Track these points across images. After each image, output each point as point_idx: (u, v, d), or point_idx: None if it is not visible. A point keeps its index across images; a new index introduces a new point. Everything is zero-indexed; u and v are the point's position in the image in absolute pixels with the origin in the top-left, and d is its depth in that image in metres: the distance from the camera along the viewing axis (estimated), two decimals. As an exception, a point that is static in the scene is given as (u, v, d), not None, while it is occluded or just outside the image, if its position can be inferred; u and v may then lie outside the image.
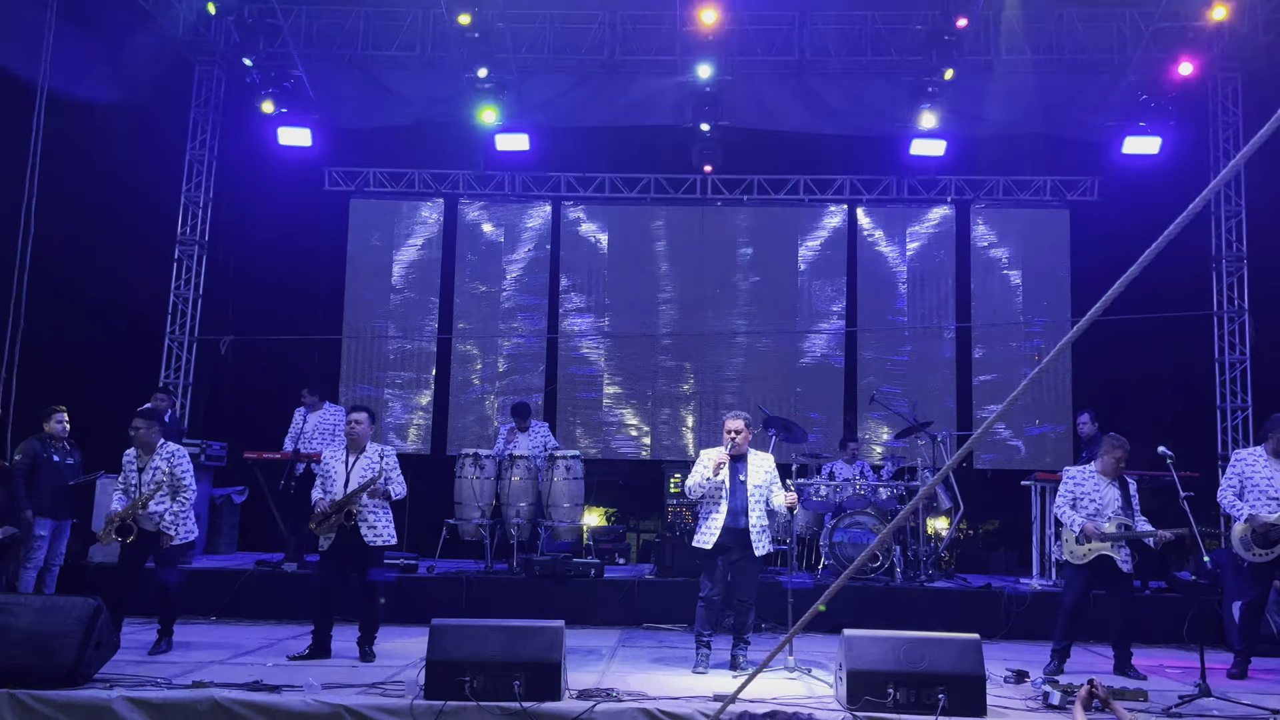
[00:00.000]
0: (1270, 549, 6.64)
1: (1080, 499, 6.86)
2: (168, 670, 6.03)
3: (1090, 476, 6.91)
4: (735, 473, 6.61)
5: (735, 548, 6.56)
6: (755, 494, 6.58)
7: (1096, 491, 6.84)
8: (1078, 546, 6.80)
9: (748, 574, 6.65)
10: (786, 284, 12.38)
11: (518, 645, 5.46)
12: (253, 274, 11.95)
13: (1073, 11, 11.20)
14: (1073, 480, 6.96)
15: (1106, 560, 6.72)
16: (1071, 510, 6.83)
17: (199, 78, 11.91)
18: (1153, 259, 9.10)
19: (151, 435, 6.97)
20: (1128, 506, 6.80)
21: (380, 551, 6.85)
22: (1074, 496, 6.89)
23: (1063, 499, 6.94)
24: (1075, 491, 6.90)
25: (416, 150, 12.27)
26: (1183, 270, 11.37)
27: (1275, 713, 5.36)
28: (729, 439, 6.63)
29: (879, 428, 11.94)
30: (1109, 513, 6.77)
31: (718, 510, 6.57)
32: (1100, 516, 6.77)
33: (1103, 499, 6.82)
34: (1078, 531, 6.73)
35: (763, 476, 6.67)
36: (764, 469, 6.71)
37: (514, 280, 12.52)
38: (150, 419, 7.06)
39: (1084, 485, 6.89)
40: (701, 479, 6.58)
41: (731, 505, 6.55)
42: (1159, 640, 7.98)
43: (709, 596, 6.63)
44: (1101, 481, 6.88)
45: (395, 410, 12.27)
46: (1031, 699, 5.71)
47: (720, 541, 6.53)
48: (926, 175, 12.10)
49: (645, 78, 11.71)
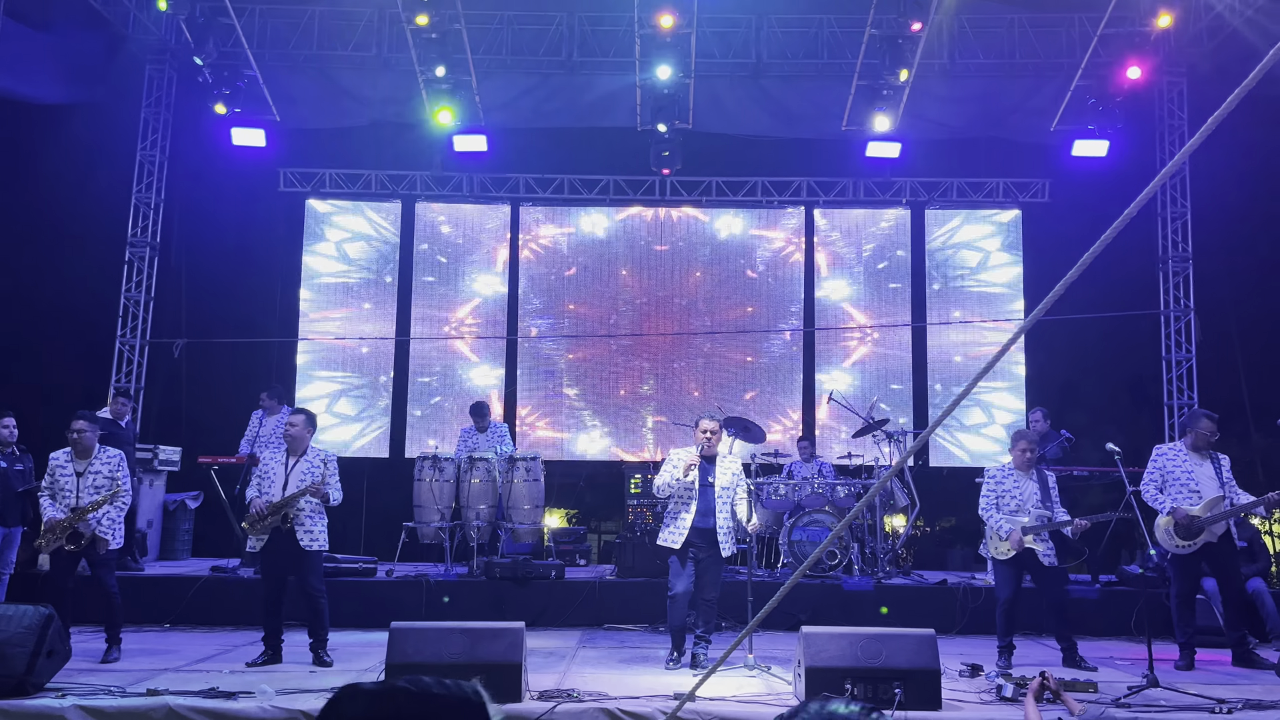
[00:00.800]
0: (1193, 540, 6.82)
1: (1001, 497, 7.03)
2: (121, 678, 5.94)
3: (1010, 474, 7.09)
4: (705, 474, 6.71)
5: (703, 547, 6.66)
6: (723, 495, 6.68)
7: (1016, 487, 7.02)
8: (1001, 543, 6.96)
9: (712, 573, 6.73)
10: (745, 285, 12.47)
11: (478, 647, 5.46)
12: (206, 276, 11.79)
13: (1023, 17, 11.43)
14: (993, 479, 7.13)
15: (1030, 554, 6.89)
16: (995, 510, 7.00)
17: (150, 77, 11.72)
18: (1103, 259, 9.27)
19: (94, 439, 6.85)
20: (1046, 499, 6.97)
21: (317, 556, 6.79)
22: (996, 495, 7.05)
23: (985, 499, 7.11)
24: (996, 490, 7.07)
25: (373, 151, 12.18)
26: (1132, 270, 11.64)
27: (1221, 702, 5.48)
28: (704, 439, 6.71)
29: (837, 427, 12.05)
30: (1029, 507, 6.95)
31: (687, 510, 6.66)
32: (1022, 511, 6.94)
33: (1022, 494, 6.99)
34: (1003, 534, 6.88)
35: (730, 479, 6.76)
36: (732, 471, 6.81)
37: (472, 282, 12.47)
38: (93, 421, 6.94)
39: (1004, 483, 7.06)
40: (672, 479, 6.66)
41: (700, 505, 6.65)
42: (1109, 632, 8.15)
43: (678, 594, 6.69)
44: (1021, 478, 7.04)
45: (353, 413, 12.16)
46: (985, 692, 5.81)
47: (689, 540, 6.64)
48: (882, 177, 12.26)
49: (604, 79, 11.74)
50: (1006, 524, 6.90)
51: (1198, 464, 6.95)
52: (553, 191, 12.43)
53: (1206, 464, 6.95)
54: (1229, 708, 5.35)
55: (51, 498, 6.75)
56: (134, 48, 11.39)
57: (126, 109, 11.54)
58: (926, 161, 12.18)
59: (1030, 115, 11.81)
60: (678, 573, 6.70)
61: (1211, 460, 6.97)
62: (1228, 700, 5.49)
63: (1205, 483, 6.88)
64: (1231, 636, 7.05)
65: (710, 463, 6.75)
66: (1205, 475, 6.91)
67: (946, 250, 12.50)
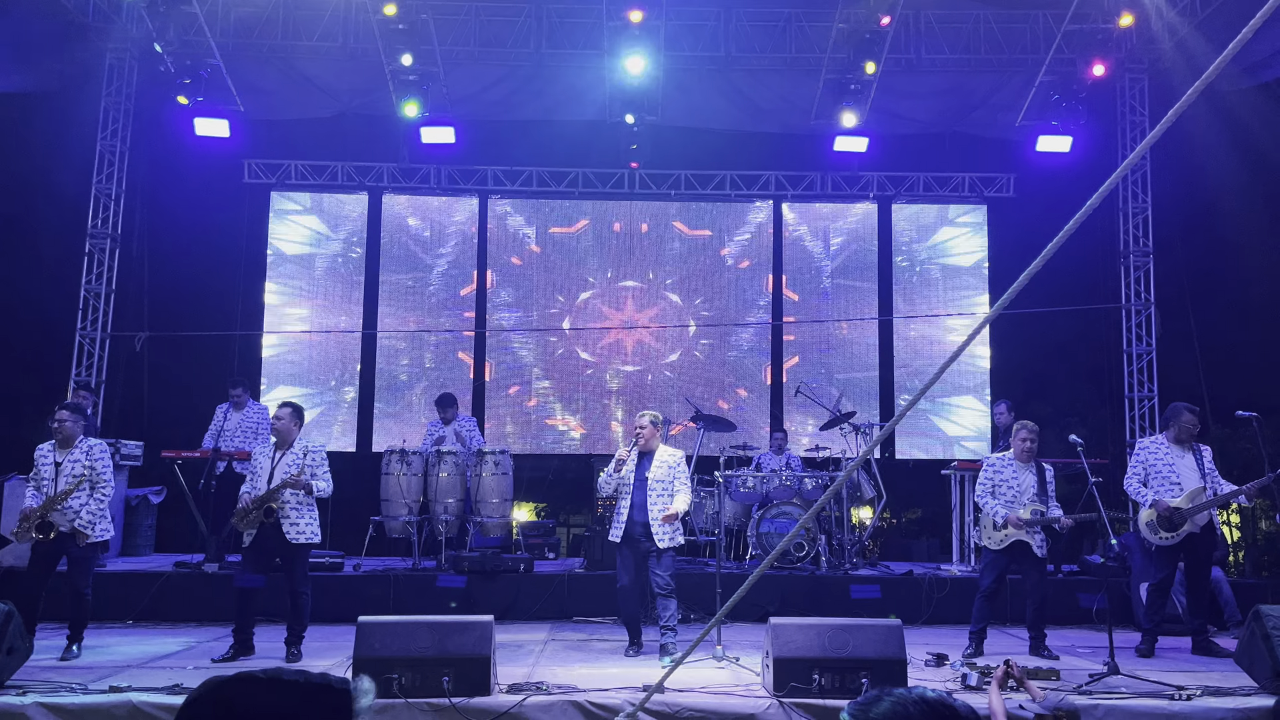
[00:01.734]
0: (1175, 532, 6.94)
1: (999, 486, 7.09)
2: (84, 675, 5.86)
3: (1009, 464, 7.15)
4: (641, 468, 6.88)
5: (642, 539, 6.79)
6: (656, 488, 6.79)
7: (1015, 478, 7.08)
8: (995, 532, 7.03)
9: (660, 565, 6.78)
10: (714, 278, 12.49)
11: (446, 641, 5.43)
12: (169, 268, 11.61)
13: (988, 13, 11.53)
14: (992, 469, 7.20)
15: (1022, 545, 6.96)
16: (991, 498, 7.06)
17: (110, 66, 11.49)
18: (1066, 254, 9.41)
19: (76, 428, 6.77)
20: (1043, 492, 7.04)
21: (305, 549, 6.75)
22: (993, 484, 7.12)
23: (982, 487, 7.18)
24: (994, 479, 7.13)
25: (339, 143, 12.06)
26: (1094, 265, 11.82)
27: (1180, 689, 5.58)
28: (634, 434, 6.93)
29: (805, 419, 12.12)
30: (1025, 499, 7.02)
31: (625, 504, 6.85)
32: (1017, 503, 7.00)
33: (1020, 485, 7.06)
34: (1000, 520, 6.95)
35: (666, 472, 6.86)
36: (668, 464, 6.89)
37: (440, 275, 12.40)
38: (76, 412, 6.86)
39: (1002, 473, 7.12)
40: (606, 475, 6.93)
41: (636, 499, 6.82)
42: (1071, 621, 8.27)
43: (623, 586, 6.91)
44: (1020, 469, 7.11)
45: (320, 407, 12.05)
46: (950, 680, 5.88)
47: (627, 533, 6.81)
48: (850, 171, 12.33)
49: (572, 72, 11.69)
50: (1004, 511, 6.96)
51: (1179, 456, 7.06)
52: (521, 184, 12.38)
53: (1188, 456, 7.06)
54: (1188, 694, 5.45)
55: (37, 490, 6.67)
56: (94, 35, 11.18)
57: (86, 98, 11.31)
58: (893, 156, 12.28)
59: (995, 111, 11.93)
60: (622, 565, 6.91)
61: (1194, 452, 7.08)
62: (1187, 687, 5.59)
63: (1186, 474, 6.99)
64: (1192, 624, 7.18)
65: (647, 457, 6.90)
66: (1187, 467, 7.02)
67: (913, 244, 12.60)
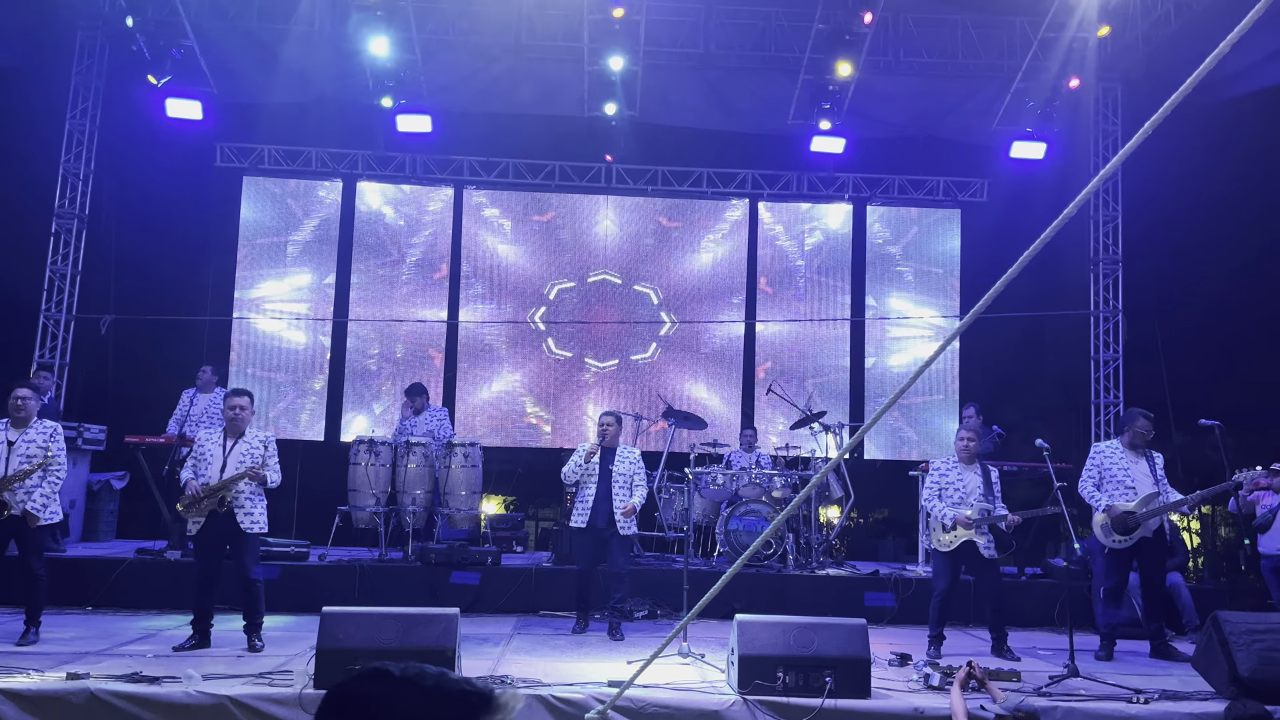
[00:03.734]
0: (1129, 535, 7.03)
1: (945, 489, 7.17)
2: (40, 661, 5.76)
3: (953, 467, 7.23)
4: (605, 461, 7.56)
5: (605, 527, 7.44)
6: (620, 481, 7.51)
7: (960, 480, 7.16)
8: (944, 535, 7.10)
9: (616, 548, 7.49)
10: (688, 275, 12.50)
11: (411, 633, 5.40)
12: (137, 251, 11.42)
13: (966, 18, 11.60)
14: (937, 472, 7.29)
15: (970, 546, 7.04)
16: (938, 500, 7.14)
17: (81, 43, 11.32)
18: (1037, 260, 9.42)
19: (35, 408, 6.67)
20: (989, 493, 7.13)
21: (256, 539, 6.67)
22: (939, 487, 7.20)
23: (929, 490, 7.26)
24: (940, 482, 7.21)
25: (314, 128, 11.91)
26: (1064, 272, 11.94)
27: (1138, 693, 5.65)
28: (601, 431, 7.61)
29: (776, 418, 12.16)
30: (972, 500, 7.09)
31: (589, 493, 7.51)
32: (964, 504, 7.08)
33: (966, 487, 7.14)
34: (948, 521, 7.03)
35: (628, 467, 7.58)
36: (629, 460, 7.62)
37: (414, 264, 12.32)
38: (36, 391, 6.76)
39: (947, 475, 7.21)
40: (574, 466, 7.56)
41: (600, 490, 7.51)
42: (1032, 623, 8.36)
43: (584, 570, 7.65)
44: (964, 470, 7.19)
45: (288, 395, 11.95)
46: (913, 680, 5.91)
47: (591, 522, 7.47)
48: (826, 172, 12.39)
49: (552, 65, 11.64)
50: (951, 513, 7.03)
51: (1134, 461, 7.15)
52: (497, 175, 12.33)
53: (1142, 461, 7.16)
54: (1146, 698, 5.52)
55: None
56: (64, 12, 11.00)
57: (55, 76, 11.15)
58: (869, 158, 12.34)
59: (970, 116, 12.01)
60: (583, 551, 7.65)
61: (1147, 458, 7.18)
62: (1145, 690, 5.66)
63: (1140, 479, 7.09)
64: (1150, 628, 7.27)
65: (610, 452, 7.57)
66: (1141, 472, 7.11)
67: (887, 246, 12.67)
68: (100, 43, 11.37)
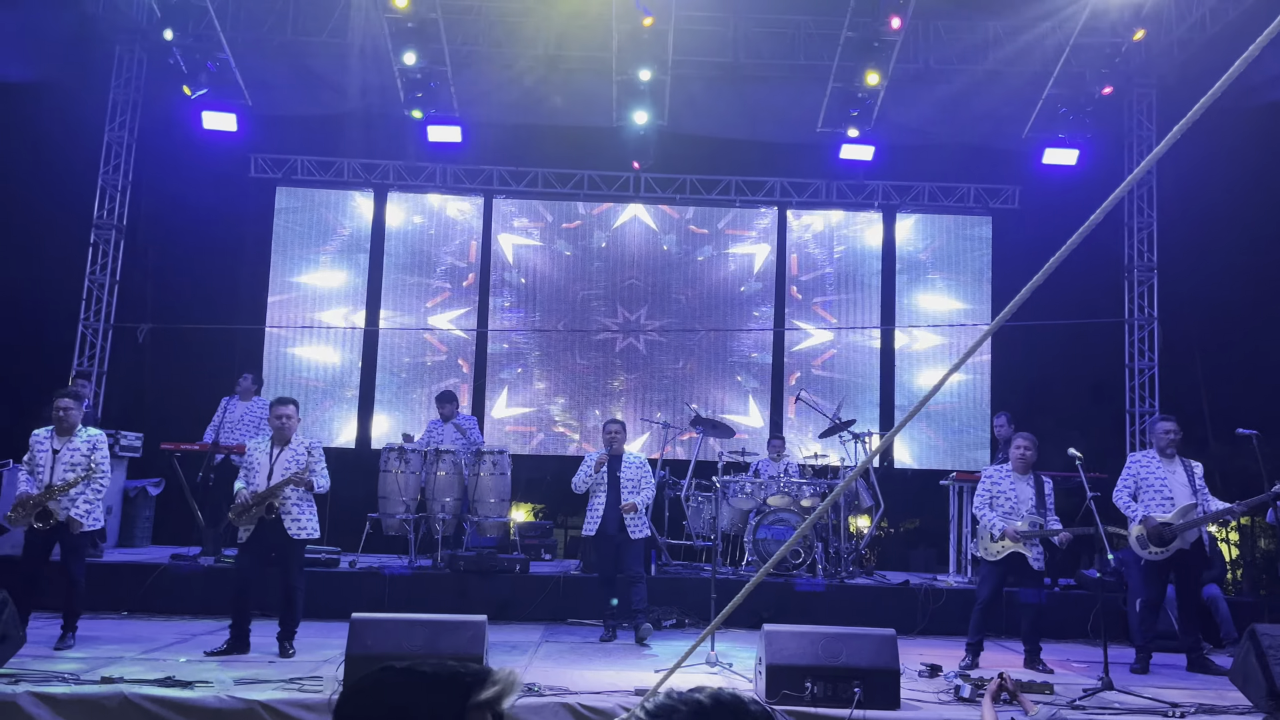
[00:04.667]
0: (1165, 547, 6.91)
1: (996, 498, 7.07)
2: (76, 665, 5.86)
3: (1006, 475, 7.13)
4: (612, 469, 7.73)
5: (615, 533, 7.60)
6: (627, 486, 7.69)
7: (1012, 490, 7.06)
8: (992, 544, 7.01)
9: (630, 553, 7.63)
10: (717, 283, 12.49)
11: (439, 640, 5.43)
12: (173, 261, 11.62)
13: (998, 24, 11.51)
14: (990, 480, 7.18)
15: (1018, 557, 6.94)
16: (989, 509, 7.04)
17: (119, 57, 11.52)
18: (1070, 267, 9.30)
19: (78, 417, 6.80)
20: (1041, 505, 7.02)
21: (303, 545, 6.76)
22: (990, 496, 7.10)
23: (980, 498, 7.16)
24: (992, 490, 7.11)
25: (346, 139, 12.04)
26: (1098, 278, 11.79)
27: (1174, 706, 5.57)
28: (608, 438, 7.78)
29: (805, 426, 12.11)
30: (1024, 510, 7.00)
31: (599, 502, 7.68)
32: (1015, 514, 6.98)
33: (1018, 497, 7.04)
34: (997, 532, 6.93)
35: (635, 472, 7.77)
36: (635, 464, 7.80)
37: (444, 273, 12.41)
38: (78, 400, 6.89)
39: (1000, 484, 7.10)
40: (584, 475, 7.74)
41: (609, 498, 7.67)
42: (1067, 636, 8.25)
43: (601, 576, 7.78)
44: (1018, 480, 7.09)
45: (320, 403, 12.06)
46: (944, 692, 5.86)
47: (602, 529, 7.63)
48: (855, 180, 12.34)
49: (581, 75, 11.69)
50: (1000, 524, 6.94)
51: (1171, 471, 7.04)
52: (526, 185, 12.39)
53: (1180, 471, 7.05)
54: (1182, 712, 5.44)
55: (29, 474, 6.67)
56: (103, 27, 11.20)
57: (94, 89, 11.34)
58: (899, 165, 12.26)
59: (1002, 122, 11.90)
60: (599, 558, 7.81)
61: (1184, 467, 7.06)
62: (1181, 704, 5.58)
63: (1178, 490, 6.97)
64: (1186, 641, 7.15)
65: (617, 459, 7.74)
66: (1179, 483, 7.00)
67: (917, 254, 12.59)
68: (137, 56, 11.57)
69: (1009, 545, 6.93)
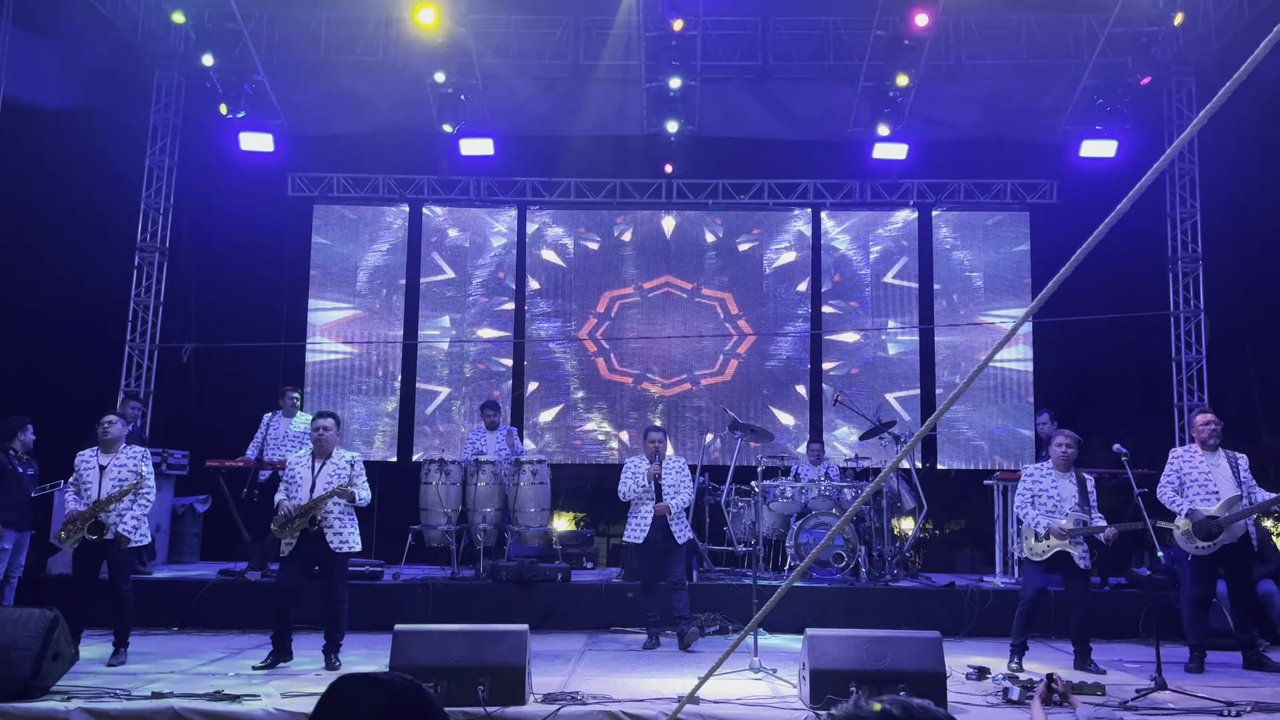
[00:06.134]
0: (1212, 541, 6.76)
1: (1038, 496, 6.96)
2: (127, 681, 5.95)
3: (1047, 473, 7.02)
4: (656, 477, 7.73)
5: (661, 540, 7.62)
6: (670, 492, 7.72)
7: (1054, 488, 6.94)
8: (1037, 543, 6.89)
9: (675, 559, 7.67)
10: (752, 287, 12.45)
11: (482, 650, 5.44)
12: (215, 281, 11.82)
13: (1030, 17, 11.38)
14: (1030, 478, 7.07)
15: (1064, 556, 6.82)
16: (1031, 508, 6.93)
17: (158, 83, 11.78)
18: (1114, 260, 9.20)
19: (122, 433, 6.95)
20: (1084, 502, 6.90)
21: (345, 558, 6.81)
22: (1032, 494, 6.99)
23: (1021, 497, 7.04)
24: (1033, 489, 7.00)
25: (380, 156, 12.20)
26: (1141, 271, 11.60)
27: (1230, 705, 5.44)
28: (652, 448, 7.79)
29: (845, 429, 12.02)
30: (1066, 508, 6.87)
31: (645, 509, 7.69)
32: (1058, 513, 6.87)
33: (1060, 495, 6.92)
34: (1041, 530, 6.82)
35: (676, 478, 7.79)
36: (675, 469, 7.83)
37: (480, 285, 12.49)
38: (122, 417, 7.03)
39: (1041, 482, 6.99)
40: (633, 485, 7.76)
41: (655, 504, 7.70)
42: (1118, 635, 8.09)
43: (645, 583, 7.82)
44: (1059, 478, 6.98)
45: (361, 416, 12.19)
46: (992, 695, 5.77)
47: (649, 536, 7.64)
48: (889, 179, 12.24)
49: (610, 84, 11.73)
50: (1045, 521, 6.83)
51: (1214, 464, 6.89)
52: (559, 195, 12.45)
53: (1224, 464, 6.90)
54: (1237, 710, 5.31)
55: (76, 493, 6.79)
56: (142, 54, 11.45)
57: (135, 114, 11.59)
58: (933, 163, 12.15)
59: (1038, 116, 11.76)
60: (642, 564, 7.83)
61: (1229, 460, 6.91)
62: (1236, 703, 5.44)
63: (1223, 483, 6.83)
64: (1241, 638, 6.99)
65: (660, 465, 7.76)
66: (1223, 476, 6.86)
67: (954, 252, 12.46)
68: (176, 82, 11.80)
69: (1054, 544, 6.81)
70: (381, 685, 1.64)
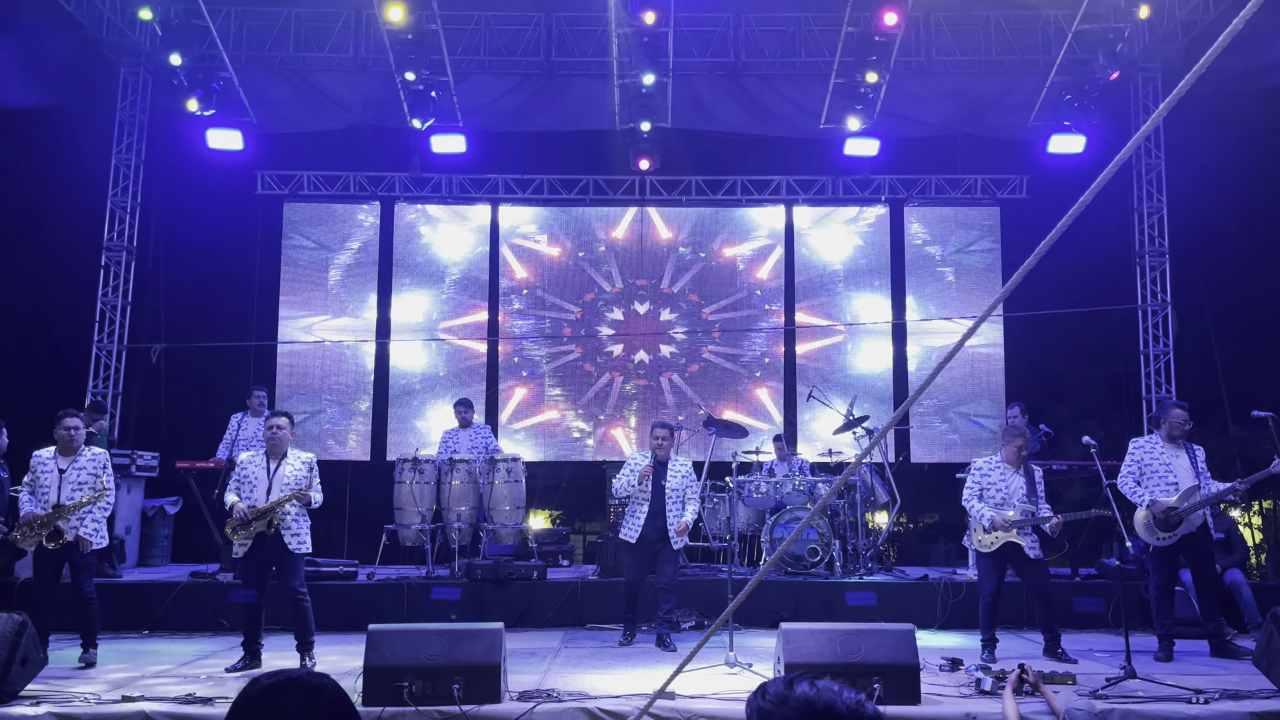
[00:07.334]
0: (1172, 531, 6.85)
1: (986, 489, 7.04)
2: (97, 685, 5.88)
3: (996, 467, 7.10)
4: (658, 476, 7.53)
5: (656, 540, 7.48)
6: (673, 496, 7.52)
7: (1002, 481, 7.03)
8: (985, 535, 6.98)
9: (668, 562, 7.52)
10: (725, 284, 12.47)
11: (457, 649, 5.41)
12: (184, 280, 11.69)
13: (999, 14, 11.48)
14: (979, 472, 7.15)
15: (1014, 547, 6.91)
16: (979, 501, 7.02)
17: (124, 80, 11.62)
18: (1081, 255, 9.29)
19: (83, 437, 6.85)
20: (1032, 494, 6.99)
21: (301, 559, 6.74)
22: (980, 488, 7.07)
23: (969, 490, 7.12)
24: (981, 483, 7.08)
25: (351, 153, 12.12)
26: (1110, 266, 11.75)
27: (1198, 693, 5.51)
28: (655, 444, 7.56)
29: (818, 424, 12.07)
30: (1014, 501, 6.96)
31: (642, 508, 7.50)
32: (1006, 505, 6.95)
33: (1008, 488, 7.00)
34: (985, 523, 6.91)
35: (680, 481, 7.57)
36: (681, 473, 7.60)
37: (453, 283, 12.43)
38: (82, 421, 6.92)
39: (989, 476, 7.08)
40: (628, 481, 7.55)
41: (654, 505, 7.50)
42: (1088, 625, 8.19)
43: (631, 582, 7.67)
44: (1007, 471, 7.06)
45: (334, 416, 12.10)
46: (965, 685, 5.82)
47: (643, 536, 7.47)
48: (861, 175, 12.31)
49: (582, 80, 11.73)
50: (989, 514, 6.91)
51: (1174, 455, 6.99)
52: (532, 192, 12.41)
53: (1182, 455, 7.00)
54: (1205, 698, 5.38)
55: (31, 493, 6.68)
56: (107, 50, 11.30)
57: (100, 112, 11.43)
58: (905, 159, 12.23)
59: (1007, 112, 11.86)
60: (632, 563, 7.66)
61: (1187, 451, 7.01)
62: (1205, 690, 5.51)
63: (1182, 474, 6.93)
64: (1208, 627, 7.08)
65: (663, 466, 7.54)
66: (1182, 466, 6.95)
67: (925, 248, 12.54)
68: (142, 79, 11.65)
69: (1001, 536, 6.90)
70: (295, 684, 1.68)
